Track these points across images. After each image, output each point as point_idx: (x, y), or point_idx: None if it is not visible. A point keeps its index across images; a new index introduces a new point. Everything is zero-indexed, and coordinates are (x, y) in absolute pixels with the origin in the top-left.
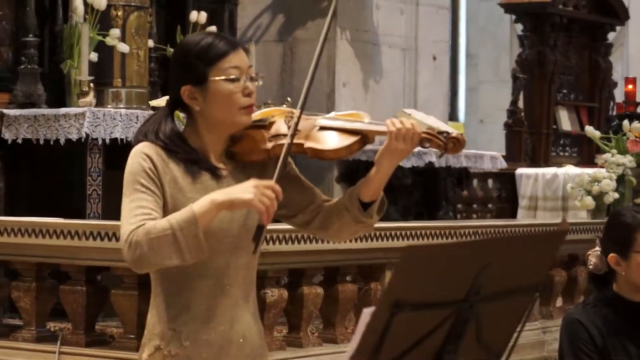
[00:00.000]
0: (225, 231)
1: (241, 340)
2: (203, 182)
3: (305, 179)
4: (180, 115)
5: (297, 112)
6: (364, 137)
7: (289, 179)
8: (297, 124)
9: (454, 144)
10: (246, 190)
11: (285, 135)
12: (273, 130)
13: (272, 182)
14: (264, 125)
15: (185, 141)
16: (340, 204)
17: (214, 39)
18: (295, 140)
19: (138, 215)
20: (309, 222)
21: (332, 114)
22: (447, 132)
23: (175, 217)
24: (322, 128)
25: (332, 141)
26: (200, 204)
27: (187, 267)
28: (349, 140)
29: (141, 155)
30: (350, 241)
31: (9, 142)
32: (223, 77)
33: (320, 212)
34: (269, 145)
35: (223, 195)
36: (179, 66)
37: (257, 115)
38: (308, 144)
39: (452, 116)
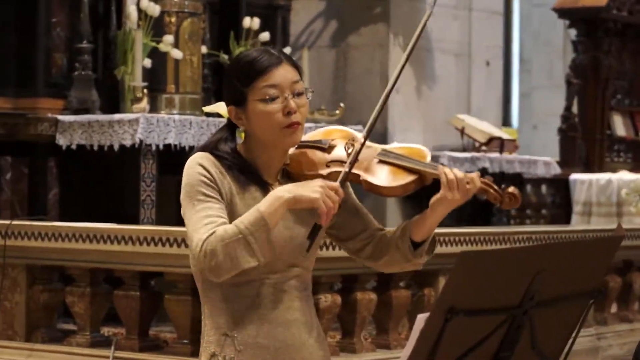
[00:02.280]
0: (280, 249)
1: (297, 343)
2: (253, 196)
3: (361, 205)
4: (241, 132)
5: (359, 140)
6: (421, 178)
7: (344, 203)
8: (357, 153)
9: (510, 199)
10: (313, 188)
11: (343, 162)
12: (332, 155)
13: (337, 184)
14: (323, 147)
15: (239, 155)
16: (392, 239)
17: (257, 55)
18: (354, 170)
19: (207, 224)
20: (360, 250)
21: (394, 144)
22: (504, 188)
23: (243, 222)
24: (382, 162)
25: (389, 178)
26: (266, 204)
27: (240, 273)
28: (406, 179)
29: (196, 166)
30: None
31: (63, 148)
32: (258, 98)
33: (372, 242)
34: (326, 170)
35: (289, 191)
36: (225, 86)
37: (318, 134)
38: (365, 177)
39: (506, 122)
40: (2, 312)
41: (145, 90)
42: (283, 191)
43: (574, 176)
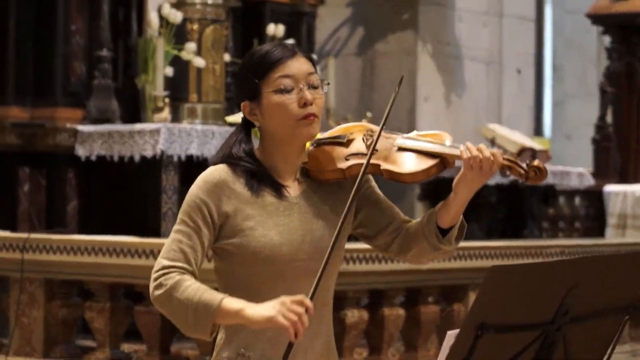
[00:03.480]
0: (294, 255)
1: (300, 350)
2: (263, 199)
3: (385, 197)
4: (257, 132)
5: (376, 131)
6: (443, 161)
7: (367, 198)
8: (375, 143)
9: (535, 172)
10: (269, 307)
11: (363, 154)
12: (351, 148)
13: (302, 297)
14: (342, 142)
15: (254, 157)
16: (419, 229)
17: (270, 47)
18: (373, 161)
19: (177, 252)
20: (389, 244)
21: (414, 133)
22: (529, 162)
23: (202, 294)
24: (401, 149)
25: (409, 164)
26: (230, 303)
27: (255, 292)
28: (427, 163)
29: (202, 189)
30: (432, 261)
31: (83, 159)
32: (273, 89)
33: (399, 234)
34: (345, 164)
35: (251, 309)
36: (237, 82)
37: (335, 131)
38: (385, 166)
39: (538, 131)
40: (19, 327)
41: (166, 100)
42: (251, 306)
43: (608, 188)
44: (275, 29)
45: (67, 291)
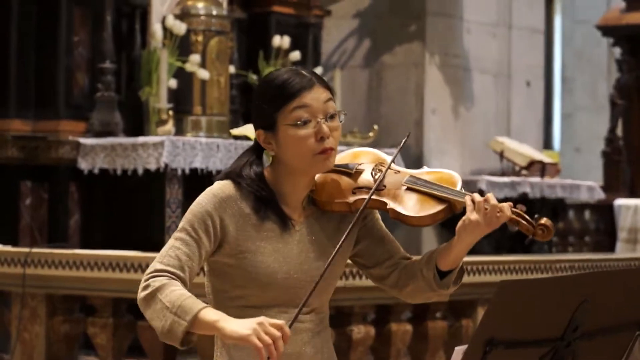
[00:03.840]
0: (289, 282)
1: None
2: (268, 228)
3: (387, 232)
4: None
5: (386, 163)
6: (451, 206)
7: (369, 230)
8: (382, 180)
9: (542, 231)
10: (246, 325)
11: (371, 189)
12: (359, 181)
13: (281, 323)
14: (349, 172)
15: (264, 180)
16: (417, 267)
17: (287, 77)
18: (380, 198)
19: (172, 258)
20: (385, 277)
21: (424, 169)
22: (537, 219)
23: (184, 300)
24: (409, 189)
25: (416, 206)
26: (208, 314)
27: (246, 313)
28: (435, 208)
29: (210, 202)
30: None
31: (85, 172)
32: (289, 123)
33: (397, 269)
34: (352, 198)
35: (228, 322)
36: (253, 109)
37: (345, 157)
38: (392, 205)
39: (547, 144)
40: (21, 343)
41: (170, 112)
42: (227, 320)
43: (619, 201)
44: (280, 41)
45: (69, 306)
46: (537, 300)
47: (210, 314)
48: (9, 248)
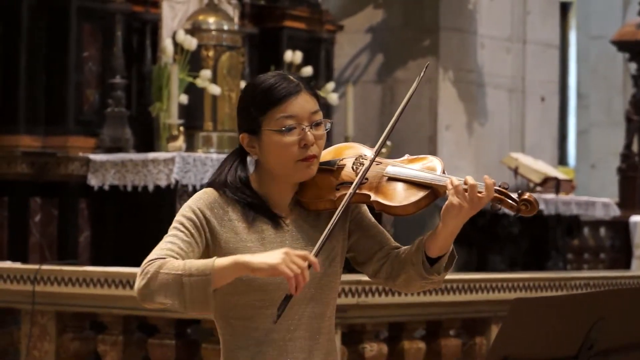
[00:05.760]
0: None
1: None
2: (261, 229)
3: (375, 223)
4: None
5: (367, 156)
6: (434, 191)
7: (357, 223)
8: (364, 174)
9: (526, 206)
10: (274, 255)
11: (352, 184)
12: (341, 177)
13: (307, 253)
14: (331, 169)
15: (249, 186)
16: (407, 256)
17: (274, 82)
18: (363, 191)
19: (164, 249)
20: (378, 270)
21: (405, 157)
22: (519, 194)
23: (192, 262)
24: (391, 179)
25: (400, 196)
26: (222, 260)
27: (249, 319)
28: (417, 195)
29: (197, 204)
30: (454, 293)
31: (95, 188)
32: (274, 128)
33: (387, 261)
34: (335, 194)
35: (249, 256)
36: (238, 112)
37: (327, 153)
38: (375, 197)
39: (562, 161)
40: None
41: (181, 128)
42: (246, 255)
43: (634, 218)
44: (292, 56)
45: (79, 324)
46: (551, 318)
47: (226, 259)
48: (18, 265)
